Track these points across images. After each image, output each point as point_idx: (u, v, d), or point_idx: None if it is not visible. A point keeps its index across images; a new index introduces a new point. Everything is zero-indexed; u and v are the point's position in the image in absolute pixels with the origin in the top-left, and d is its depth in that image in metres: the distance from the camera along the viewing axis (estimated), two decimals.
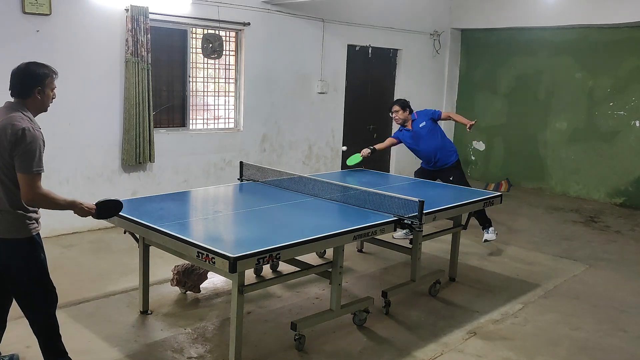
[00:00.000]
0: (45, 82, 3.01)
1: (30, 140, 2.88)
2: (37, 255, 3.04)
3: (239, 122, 7.72)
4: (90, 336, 3.93)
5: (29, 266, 3.02)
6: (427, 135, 6.15)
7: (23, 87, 2.98)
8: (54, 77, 3.07)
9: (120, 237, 5.85)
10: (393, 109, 6.25)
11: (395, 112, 6.21)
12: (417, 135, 6.18)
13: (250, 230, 3.90)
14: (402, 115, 6.20)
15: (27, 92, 2.98)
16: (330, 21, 8.46)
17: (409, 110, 6.23)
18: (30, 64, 3.02)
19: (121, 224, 3.96)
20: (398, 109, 6.20)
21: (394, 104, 6.28)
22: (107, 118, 6.41)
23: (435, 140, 6.17)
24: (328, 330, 4.13)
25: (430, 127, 6.16)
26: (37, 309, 3.10)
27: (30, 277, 3.04)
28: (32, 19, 5.71)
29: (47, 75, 3.02)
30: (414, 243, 4.75)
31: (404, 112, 6.19)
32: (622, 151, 8.87)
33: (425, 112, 6.29)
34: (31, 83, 2.97)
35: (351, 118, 9.18)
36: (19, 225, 2.97)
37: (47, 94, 3.04)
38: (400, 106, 6.21)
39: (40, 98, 3.01)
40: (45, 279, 3.10)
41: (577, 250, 6.46)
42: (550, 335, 4.26)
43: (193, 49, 7.14)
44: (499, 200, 5.22)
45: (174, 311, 4.39)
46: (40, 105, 3.05)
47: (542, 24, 9.21)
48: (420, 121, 6.19)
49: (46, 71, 3.03)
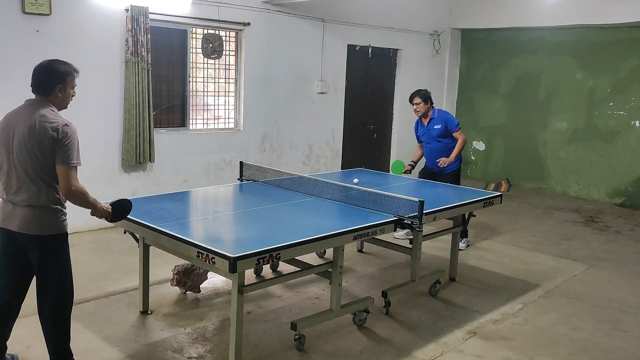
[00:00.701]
0: (67, 80, 3.04)
1: (71, 134, 2.97)
2: (68, 252, 3.16)
3: (239, 122, 7.72)
4: (90, 336, 3.93)
5: (62, 262, 3.13)
6: (436, 137, 6.15)
7: (45, 84, 3.01)
8: (76, 75, 3.10)
9: (120, 237, 5.85)
10: (414, 100, 6.14)
11: (417, 105, 6.13)
12: (428, 133, 6.21)
13: (250, 230, 3.90)
14: (422, 108, 6.12)
15: (48, 89, 3.01)
16: (330, 21, 8.46)
17: (430, 102, 6.14)
18: (53, 62, 3.05)
19: (121, 224, 3.95)
20: (420, 102, 6.10)
21: (416, 96, 6.15)
22: (107, 118, 6.41)
23: (440, 145, 6.16)
24: (328, 330, 4.13)
25: (442, 132, 6.12)
26: (59, 306, 3.17)
27: (61, 273, 3.13)
28: (32, 19, 5.71)
29: (69, 74, 3.06)
30: (414, 243, 4.75)
31: (425, 104, 6.11)
32: (622, 151, 8.87)
33: (446, 117, 6.20)
34: (53, 81, 3.00)
35: (351, 118, 9.18)
36: (55, 222, 3.06)
37: (68, 92, 3.09)
38: (422, 99, 6.10)
39: (61, 96, 3.06)
40: (71, 276, 3.20)
41: (577, 250, 6.47)
42: (550, 335, 4.26)
43: (193, 49, 7.14)
44: (499, 200, 5.22)
45: (174, 311, 4.39)
46: (60, 102, 3.09)
47: (542, 24, 9.21)
48: (437, 122, 6.13)
49: (68, 69, 3.06)
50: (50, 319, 3.17)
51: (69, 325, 3.24)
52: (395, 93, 9.83)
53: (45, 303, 3.15)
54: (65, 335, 3.23)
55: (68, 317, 3.22)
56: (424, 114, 6.17)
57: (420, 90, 6.24)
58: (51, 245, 3.07)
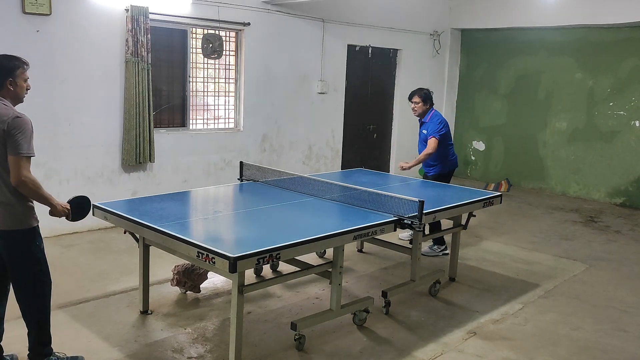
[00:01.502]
0: (15, 74, 3.09)
1: (22, 125, 2.99)
2: (38, 245, 3.20)
3: (239, 122, 7.72)
4: (90, 336, 3.93)
5: (31, 256, 3.17)
6: (423, 142, 5.99)
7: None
8: (25, 68, 3.14)
9: (120, 237, 5.85)
10: (413, 99, 5.96)
11: (415, 104, 5.95)
12: (420, 134, 6.08)
13: (250, 230, 3.90)
14: (420, 108, 5.94)
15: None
16: (330, 21, 8.46)
17: (429, 103, 5.95)
18: (1, 57, 3.12)
19: (121, 224, 3.96)
20: (419, 101, 5.92)
21: (415, 94, 5.96)
22: (107, 118, 6.41)
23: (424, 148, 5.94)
24: (328, 330, 4.13)
25: (427, 138, 5.90)
26: (36, 297, 3.23)
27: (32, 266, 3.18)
28: (32, 19, 5.71)
29: (17, 67, 3.10)
30: (414, 243, 4.75)
31: (424, 104, 5.92)
32: (622, 151, 8.87)
33: (432, 123, 5.89)
34: (2, 75, 3.06)
35: (351, 118, 9.18)
36: (21, 217, 3.11)
37: (20, 84, 3.12)
38: (421, 98, 5.92)
39: (12, 89, 3.10)
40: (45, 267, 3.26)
41: (577, 250, 6.46)
42: (550, 335, 4.26)
43: (193, 49, 7.14)
44: (499, 200, 5.22)
45: (174, 311, 4.39)
46: (14, 95, 3.13)
47: (542, 24, 9.21)
48: (425, 127, 5.96)
49: (16, 63, 3.11)
50: (27, 312, 3.26)
51: (47, 313, 3.31)
52: (395, 93, 9.83)
53: (22, 297, 3.24)
54: (43, 325, 3.31)
55: (45, 306, 3.29)
56: (422, 114, 5.98)
57: (421, 89, 6.05)
58: (18, 241, 3.12)
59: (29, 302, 3.25)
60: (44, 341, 3.34)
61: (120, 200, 4.76)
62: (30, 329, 3.31)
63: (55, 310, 4.28)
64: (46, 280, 3.29)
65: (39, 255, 3.23)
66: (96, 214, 4.14)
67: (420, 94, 5.95)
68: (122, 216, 3.90)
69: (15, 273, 3.20)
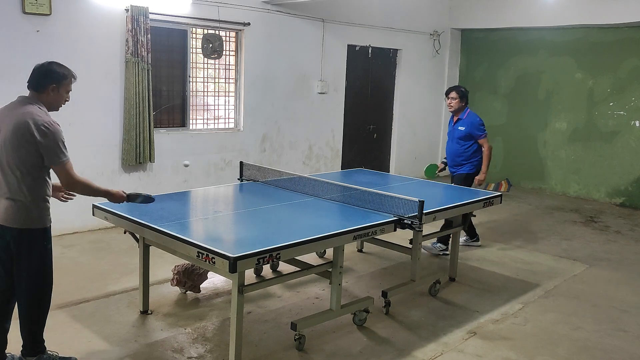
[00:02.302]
0: (61, 82, 3.16)
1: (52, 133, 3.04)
2: (47, 246, 3.24)
3: (239, 122, 7.72)
4: (90, 336, 3.93)
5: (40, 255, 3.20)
6: (457, 139, 6.01)
7: (39, 81, 3.12)
8: (72, 80, 3.23)
9: (120, 237, 5.85)
10: (451, 95, 6.01)
11: (452, 99, 6.00)
12: (452, 132, 6.11)
13: (250, 230, 3.90)
14: (456, 104, 5.99)
15: (41, 87, 3.12)
16: (330, 21, 8.47)
17: (465, 101, 6.02)
18: (53, 63, 3.19)
19: (121, 224, 3.96)
20: (456, 97, 5.98)
21: (453, 90, 6.05)
22: (107, 118, 6.41)
23: (460, 147, 6.01)
24: (328, 330, 4.13)
25: (464, 135, 5.96)
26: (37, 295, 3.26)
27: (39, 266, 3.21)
28: (32, 19, 5.72)
29: (65, 77, 3.18)
30: (414, 243, 4.75)
31: (460, 101, 5.98)
32: (622, 151, 8.87)
33: (472, 121, 5.97)
34: (47, 79, 3.12)
35: (351, 118, 9.18)
36: (34, 216, 3.13)
37: (62, 94, 3.19)
38: (459, 94, 5.99)
39: (53, 95, 3.15)
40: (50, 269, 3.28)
41: (577, 250, 6.47)
42: (550, 335, 4.26)
43: (193, 49, 7.14)
44: (499, 200, 5.22)
45: (174, 311, 4.39)
46: (52, 102, 3.18)
47: (542, 24, 9.21)
48: (462, 124, 5.98)
49: (65, 72, 3.19)
50: (24, 309, 3.28)
51: (43, 314, 3.33)
52: (395, 93, 9.83)
53: (22, 293, 3.25)
54: (38, 323, 3.34)
55: (43, 308, 3.32)
56: (456, 111, 6.04)
57: (459, 86, 6.08)
58: (29, 239, 3.15)
59: (30, 300, 3.27)
60: (38, 339, 3.37)
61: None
62: (25, 325, 3.33)
63: (55, 310, 4.29)
64: (49, 281, 3.31)
65: (47, 255, 3.26)
66: (96, 214, 4.15)
67: (457, 90, 6.05)
68: (122, 216, 3.90)
69: (22, 270, 3.20)
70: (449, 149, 6.20)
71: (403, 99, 9.89)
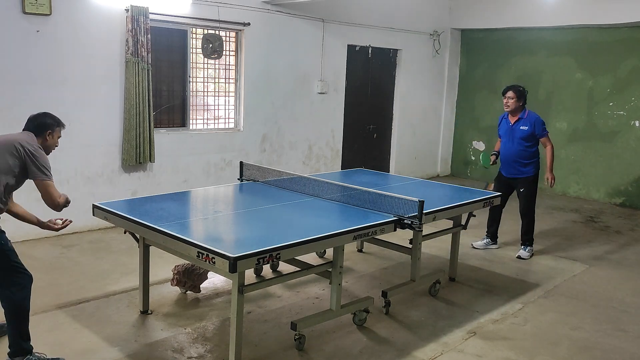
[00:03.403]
0: (54, 129, 3.64)
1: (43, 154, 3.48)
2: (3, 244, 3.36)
3: (239, 122, 7.72)
4: (90, 336, 3.93)
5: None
6: (518, 139, 5.91)
7: (37, 127, 3.58)
8: (61, 128, 3.69)
9: (120, 237, 5.86)
10: (507, 94, 5.92)
11: (509, 98, 5.90)
12: (511, 132, 5.98)
13: (250, 230, 3.90)
14: (513, 104, 5.88)
15: (40, 132, 3.58)
16: (330, 21, 8.47)
17: (523, 101, 5.91)
18: (47, 114, 3.66)
19: (121, 224, 3.96)
20: (513, 96, 5.87)
21: (510, 89, 5.93)
22: (107, 118, 6.41)
23: (522, 148, 5.93)
24: (328, 330, 4.13)
25: (527, 135, 5.88)
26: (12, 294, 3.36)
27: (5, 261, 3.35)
28: (32, 19, 5.71)
29: (57, 124, 3.66)
30: (414, 243, 4.75)
31: (517, 101, 5.88)
32: (622, 151, 8.87)
33: (535, 120, 5.90)
34: (44, 127, 3.60)
35: (351, 118, 9.19)
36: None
37: (55, 138, 3.66)
38: (516, 94, 5.87)
39: (49, 140, 3.61)
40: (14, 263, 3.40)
41: (577, 250, 6.47)
42: (550, 335, 4.26)
43: (193, 49, 7.14)
44: (498, 200, 5.23)
45: (174, 311, 4.39)
46: (47, 145, 3.61)
47: (542, 24, 9.21)
48: (525, 123, 5.89)
49: (57, 121, 3.66)
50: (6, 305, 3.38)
51: (26, 310, 3.41)
52: (395, 93, 9.83)
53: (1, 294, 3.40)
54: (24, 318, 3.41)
55: (24, 302, 3.39)
56: (513, 111, 5.94)
57: (517, 85, 6.01)
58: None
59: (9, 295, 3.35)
60: (23, 337, 3.41)
61: (120, 200, 4.77)
62: (9, 324, 3.38)
63: (55, 311, 4.30)
64: (25, 270, 3.42)
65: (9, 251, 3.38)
66: (96, 214, 4.15)
67: (515, 90, 5.92)
68: (122, 216, 3.90)
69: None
70: (507, 150, 6.01)
71: (403, 99, 9.89)
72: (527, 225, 6.08)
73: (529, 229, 6.07)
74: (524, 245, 6.11)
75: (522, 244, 6.14)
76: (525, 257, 6.03)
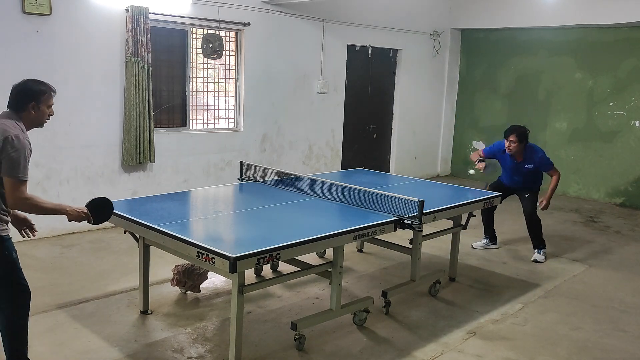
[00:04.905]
0: (40, 99, 3.10)
1: (18, 147, 2.93)
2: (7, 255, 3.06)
3: (239, 122, 7.72)
4: (90, 336, 3.93)
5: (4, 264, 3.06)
6: (526, 174, 5.92)
7: (18, 101, 3.08)
8: (52, 94, 3.15)
9: (120, 237, 5.86)
10: (510, 138, 5.77)
11: (512, 142, 5.77)
12: (518, 169, 5.94)
13: (250, 230, 3.90)
14: (516, 148, 5.78)
15: (21, 106, 3.08)
16: (330, 21, 8.47)
17: (525, 142, 5.82)
18: (29, 81, 3.13)
19: (121, 224, 3.97)
20: (515, 140, 5.75)
21: (513, 133, 5.77)
22: (107, 118, 6.41)
23: (530, 177, 5.95)
24: (328, 330, 4.13)
25: (533, 171, 5.90)
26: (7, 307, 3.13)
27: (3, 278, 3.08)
28: (32, 19, 5.71)
29: (44, 92, 3.11)
30: (414, 243, 4.75)
31: (520, 144, 5.77)
32: (622, 151, 8.88)
33: (540, 160, 5.85)
34: (26, 98, 3.07)
35: (351, 118, 9.18)
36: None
37: (43, 110, 3.12)
38: (518, 138, 5.74)
39: (34, 113, 3.10)
40: (15, 278, 3.12)
41: (577, 250, 6.47)
42: (550, 335, 4.26)
43: (193, 49, 7.14)
44: (498, 200, 5.24)
45: (174, 311, 4.39)
46: (34, 119, 3.12)
47: (542, 24, 9.21)
48: (529, 163, 5.85)
49: (43, 88, 3.12)
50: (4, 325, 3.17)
51: (25, 326, 3.20)
52: (395, 93, 9.83)
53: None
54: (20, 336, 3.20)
55: (22, 318, 3.18)
56: (516, 153, 5.83)
57: (520, 127, 5.86)
58: None
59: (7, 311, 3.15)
60: (21, 351, 3.23)
61: (120, 200, 4.76)
62: (7, 339, 3.19)
63: (56, 310, 4.30)
64: (25, 287, 3.18)
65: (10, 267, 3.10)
66: None
67: (517, 134, 5.77)
68: (122, 216, 3.91)
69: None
70: (513, 182, 6.03)
71: (403, 99, 9.89)
72: (536, 228, 6.04)
73: (538, 232, 6.04)
74: (538, 249, 6.06)
75: (535, 248, 6.08)
76: (541, 260, 5.97)
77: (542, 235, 6.07)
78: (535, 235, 6.05)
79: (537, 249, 6.07)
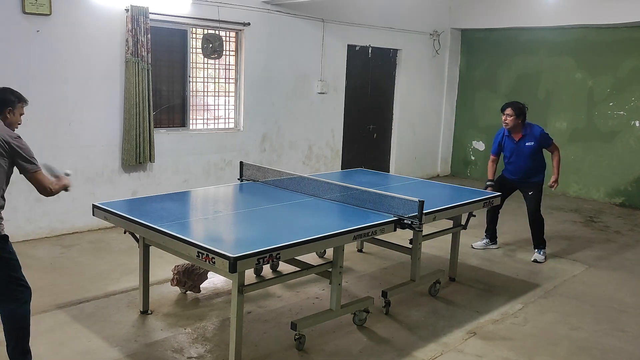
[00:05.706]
0: (15, 106, 3.44)
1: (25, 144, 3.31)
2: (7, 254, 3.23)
3: (239, 122, 7.72)
4: (90, 336, 3.93)
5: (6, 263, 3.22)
6: (527, 155, 5.87)
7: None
8: (24, 104, 3.50)
9: (120, 237, 5.86)
10: (506, 111, 5.77)
11: (508, 116, 5.76)
12: (518, 150, 5.90)
13: (250, 230, 3.90)
14: (512, 122, 5.76)
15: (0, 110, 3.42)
16: (330, 21, 8.47)
17: (522, 118, 5.78)
18: (6, 90, 3.47)
19: (121, 224, 3.96)
20: (511, 114, 5.74)
21: (509, 106, 5.78)
22: (107, 118, 6.41)
23: (531, 161, 5.91)
24: (328, 330, 4.13)
25: (534, 149, 5.85)
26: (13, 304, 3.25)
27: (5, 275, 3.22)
28: (32, 19, 5.72)
29: (18, 101, 3.46)
30: (414, 243, 4.75)
31: (516, 118, 5.74)
32: (622, 151, 8.88)
33: (540, 135, 5.84)
34: (3, 104, 3.41)
35: (351, 118, 9.19)
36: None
37: (17, 116, 3.47)
38: (515, 112, 5.73)
39: (9, 118, 3.42)
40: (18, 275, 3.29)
41: (577, 250, 6.47)
42: (550, 335, 4.26)
43: (193, 49, 7.14)
44: (498, 200, 5.24)
45: (174, 311, 4.39)
46: (10, 122, 3.42)
47: (542, 24, 9.21)
48: (529, 140, 5.82)
49: (19, 97, 3.47)
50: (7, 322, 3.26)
51: (27, 327, 3.30)
52: (395, 93, 9.83)
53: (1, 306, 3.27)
54: (24, 331, 3.31)
55: (25, 319, 3.29)
56: (513, 128, 5.82)
57: (517, 102, 5.86)
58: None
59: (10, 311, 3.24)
60: (24, 350, 3.30)
61: (120, 200, 4.77)
62: (10, 341, 3.26)
63: (55, 310, 4.30)
64: (26, 286, 3.30)
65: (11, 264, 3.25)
66: (96, 214, 4.15)
67: (513, 107, 5.78)
68: (122, 216, 3.90)
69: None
70: (517, 167, 5.97)
71: (403, 99, 9.89)
72: (539, 228, 6.03)
73: (540, 232, 6.04)
74: (538, 249, 6.05)
75: (535, 248, 6.08)
76: (541, 260, 5.96)
77: (543, 235, 6.06)
78: (537, 234, 6.05)
79: (537, 249, 6.07)
